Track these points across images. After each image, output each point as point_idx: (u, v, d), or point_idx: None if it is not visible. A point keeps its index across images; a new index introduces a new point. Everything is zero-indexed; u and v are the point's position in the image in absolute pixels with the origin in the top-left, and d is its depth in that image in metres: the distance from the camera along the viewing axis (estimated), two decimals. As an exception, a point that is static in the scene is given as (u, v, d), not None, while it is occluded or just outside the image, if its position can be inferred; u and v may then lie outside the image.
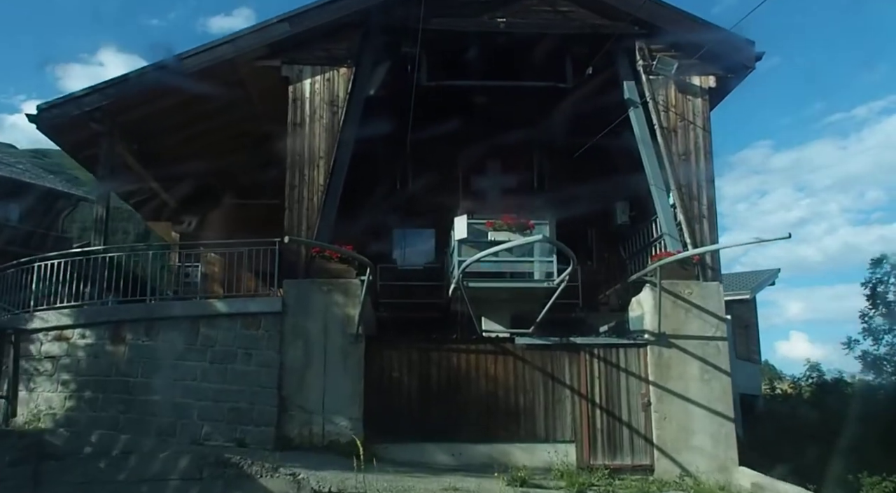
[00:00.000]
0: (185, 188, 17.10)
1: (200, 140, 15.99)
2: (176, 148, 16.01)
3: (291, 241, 10.96)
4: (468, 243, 13.70)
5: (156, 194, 17.06)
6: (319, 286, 13.21)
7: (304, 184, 13.75)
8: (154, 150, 15.65)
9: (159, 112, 14.43)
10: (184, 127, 15.23)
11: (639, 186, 16.90)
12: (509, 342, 13.51)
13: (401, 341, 13.44)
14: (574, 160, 17.60)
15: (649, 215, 16.36)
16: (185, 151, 16.17)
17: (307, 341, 13.01)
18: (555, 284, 13.47)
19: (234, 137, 16.57)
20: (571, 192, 17.27)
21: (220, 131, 15.96)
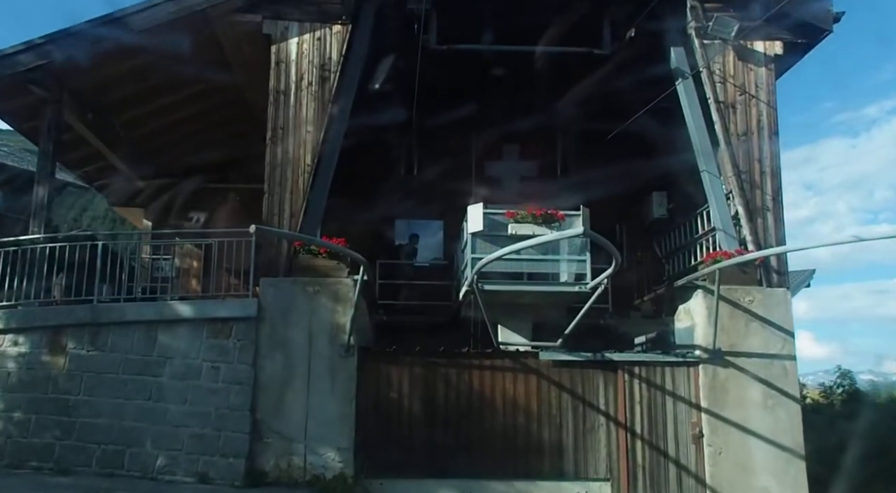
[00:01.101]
0: (157, 170, 14.72)
1: (172, 113, 13.64)
2: (144, 121, 13.66)
3: (261, 231, 8.51)
4: (484, 237, 11.31)
5: (124, 176, 14.70)
6: (304, 287, 10.86)
7: (287, 163, 11.37)
8: (117, 123, 13.28)
9: (119, 78, 12.07)
10: (151, 97, 12.86)
11: (680, 173, 14.57)
12: (532, 357, 11.13)
13: (401, 355, 11.06)
14: (603, 144, 15.13)
15: (693, 208, 13.96)
16: (154, 125, 13.85)
17: (288, 353, 10.68)
18: (588, 288, 11.09)
19: (213, 110, 14.18)
20: (599, 180, 14.88)
21: (196, 101, 13.57)
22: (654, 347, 12.55)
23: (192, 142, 14.55)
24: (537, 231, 11.17)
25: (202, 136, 14.68)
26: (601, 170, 14.90)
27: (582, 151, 15.99)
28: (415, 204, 15.20)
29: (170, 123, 13.89)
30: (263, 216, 11.21)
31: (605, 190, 14.48)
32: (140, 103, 12.87)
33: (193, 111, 13.83)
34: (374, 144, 14.64)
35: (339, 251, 10.52)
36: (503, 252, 9.78)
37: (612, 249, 9.46)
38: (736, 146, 11.64)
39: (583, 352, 11.13)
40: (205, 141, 14.70)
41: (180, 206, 14.89)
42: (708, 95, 11.79)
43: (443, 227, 15.99)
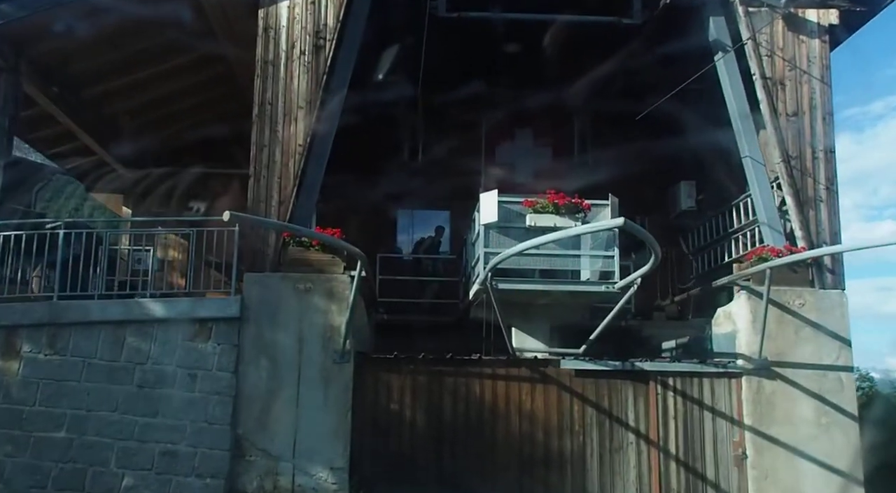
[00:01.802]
0: (137, 152, 13.32)
1: (152, 88, 12.24)
2: (118, 98, 12.26)
3: (239, 220, 7.06)
4: (498, 229, 9.95)
5: (98, 158, 13.32)
6: (294, 284, 9.52)
7: (276, 143, 9.99)
8: (88, 99, 11.89)
9: (87, 46, 10.65)
10: (125, 69, 11.45)
11: (711, 161, 13.26)
12: (552, 366, 9.78)
13: (404, 362, 9.69)
14: (625, 128, 13.73)
15: (725, 199, 12.65)
16: (132, 102, 12.47)
17: (275, 360, 9.36)
18: (616, 288, 9.75)
19: (201, 87, 12.79)
20: (619, 167, 13.62)
21: (180, 76, 12.18)
22: (686, 354, 11.21)
23: (178, 122, 13.15)
24: (559, 223, 9.83)
25: (190, 115, 13.27)
26: (622, 156, 13.65)
27: (601, 134, 14.61)
28: (419, 191, 13.81)
29: (150, 101, 12.49)
30: (248, 203, 9.86)
31: (626, 178, 13.18)
32: (113, 76, 11.48)
33: (177, 87, 12.43)
34: (374, 125, 13.26)
35: (333, 244, 9.17)
36: (524, 246, 8.41)
37: (654, 243, 8.11)
38: (784, 128, 10.25)
39: (609, 360, 9.78)
40: (194, 121, 13.28)
41: (162, 192, 13.50)
42: (753, 71, 10.39)
43: (449, 217, 14.61)
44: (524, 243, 8.40)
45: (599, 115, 14.45)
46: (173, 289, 11.22)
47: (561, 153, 14.61)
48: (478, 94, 13.66)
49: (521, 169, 14.36)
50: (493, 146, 14.57)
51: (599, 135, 14.63)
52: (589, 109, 14.47)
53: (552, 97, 13.68)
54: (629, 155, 14.07)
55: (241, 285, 9.61)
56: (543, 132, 14.62)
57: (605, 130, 14.45)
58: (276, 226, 9.19)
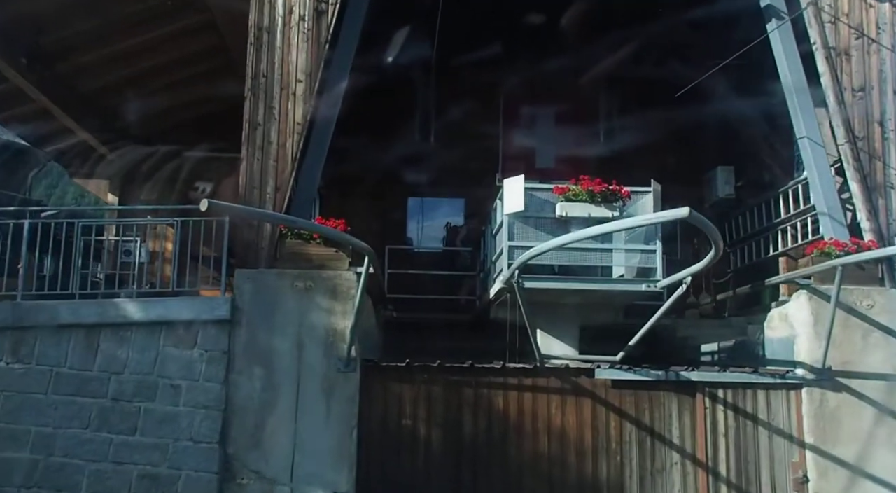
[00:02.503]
0: (122, 132, 12.08)
1: (137, 61, 10.97)
2: (99, 71, 10.98)
3: (215, 209, 5.75)
4: (525, 220, 8.69)
5: (80, 140, 12.08)
6: (292, 281, 8.30)
7: (271, 121, 8.73)
8: (64, 73, 10.60)
9: (59, 11, 9.37)
10: (106, 39, 10.19)
11: (755, 142, 11.98)
12: (585, 376, 8.54)
13: (417, 370, 8.46)
14: (657, 107, 12.42)
15: (768, 186, 11.41)
16: (115, 76, 11.19)
17: (270, 368, 8.16)
18: (659, 286, 8.51)
19: (193, 60, 11.52)
20: (649, 150, 12.45)
21: (169, 47, 10.91)
22: (731, 359, 9.98)
23: (167, 99, 11.86)
24: (594, 212, 8.58)
25: (180, 92, 11.98)
26: (653, 139, 12.44)
27: (630, 115, 13.25)
28: (431, 177, 12.55)
29: (135, 75, 11.21)
30: (240, 190, 8.62)
31: (657, 162, 11.96)
32: (91, 47, 10.21)
33: (165, 60, 11.16)
34: (383, 103, 12.05)
35: (336, 238, 7.93)
36: (565, 240, 7.14)
37: (718, 238, 6.86)
38: (850, 105, 8.94)
39: (651, 369, 8.55)
40: (186, 99, 12.01)
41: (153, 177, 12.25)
42: (813, 40, 9.08)
43: (464, 205, 13.35)
44: (564, 237, 7.13)
45: (628, 93, 13.15)
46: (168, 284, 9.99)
47: (585, 136, 13.28)
48: (496, 70, 12.46)
49: (543, 152, 13.11)
50: (512, 127, 13.29)
51: (628, 115, 13.29)
52: (617, 86, 13.20)
53: (577, 74, 12.45)
54: (661, 137, 12.86)
55: (231, 282, 8.40)
56: (567, 112, 13.30)
57: (635, 112, 13.12)
58: (267, 217, 7.92)
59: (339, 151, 10.13)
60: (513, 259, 8.54)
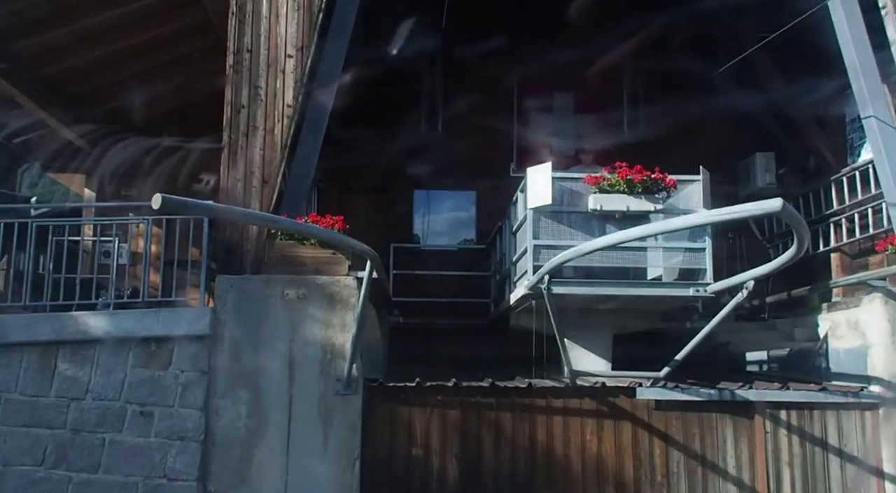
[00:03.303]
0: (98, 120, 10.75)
1: (109, 40, 9.63)
2: (66, 52, 9.64)
3: (170, 206, 4.41)
4: (552, 214, 7.40)
5: (50, 131, 10.79)
6: (283, 289, 7.04)
7: (257, 103, 7.45)
8: (23, 52, 9.28)
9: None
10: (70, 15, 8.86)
11: (800, 126, 10.69)
12: (624, 396, 7.26)
13: (429, 392, 7.18)
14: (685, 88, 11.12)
15: (817, 173, 10.15)
16: (84, 57, 9.87)
17: (257, 391, 6.91)
18: (709, 291, 7.23)
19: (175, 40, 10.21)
20: (678, 136, 11.13)
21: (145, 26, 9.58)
22: (786, 372, 8.70)
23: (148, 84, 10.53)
24: (633, 205, 7.31)
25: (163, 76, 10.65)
26: (681, 123, 11.13)
27: (657, 100, 11.94)
28: (439, 168, 11.24)
29: (108, 55, 9.87)
30: (221, 183, 7.35)
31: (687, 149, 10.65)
32: (54, 23, 8.87)
33: (142, 40, 9.84)
34: (386, 88, 10.75)
35: (329, 240, 6.64)
36: (613, 240, 5.87)
37: (806, 233, 5.58)
38: (927, 78, 7.65)
39: (701, 386, 7.27)
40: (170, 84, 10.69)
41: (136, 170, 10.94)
42: (883, 4, 7.76)
43: (475, 199, 12.04)
44: (616, 236, 5.82)
45: (654, 76, 11.83)
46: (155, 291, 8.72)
47: (608, 123, 11.96)
48: (510, 54, 11.17)
49: (562, 141, 11.76)
50: (527, 115, 11.96)
51: (655, 99, 11.99)
52: (642, 70, 11.89)
53: (598, 57, 11.15)
54: (691, 123, 11.55)
55: (212, 290, 7.15)
56: (588, 98, 11.98)
57: (661, 93, 11.79)
58: (241, 216, 6.47)
59: (339, 141, 8.92)
60: (538, 261, 7.29)
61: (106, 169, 11.27)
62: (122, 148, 11.05)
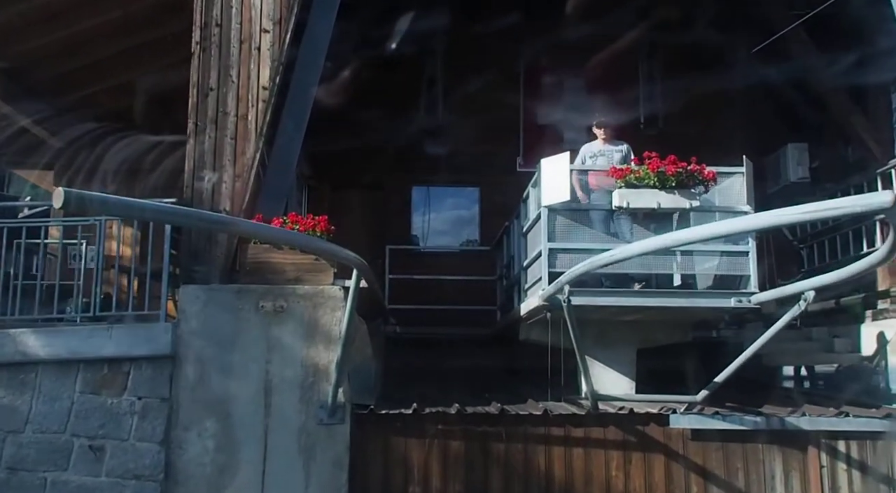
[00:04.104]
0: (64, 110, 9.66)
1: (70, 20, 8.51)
2: (26, 35, 8.55)
3: (79, 204, 3.38)
4: (570, 213, 6.32)
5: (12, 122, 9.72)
6: (257, 302, 5.97)
7: (228, 85, 6.38)
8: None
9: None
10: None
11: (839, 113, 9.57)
12: (655, 423, 6.17)
13: (429, 420, 6.09)
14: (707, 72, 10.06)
15: (856, 166, 9.11)
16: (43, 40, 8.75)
17: (227, 421, 5.86)
18: (754, 302, 6.15)
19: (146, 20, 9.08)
20: (699, 125, 10.24)
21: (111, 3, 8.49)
22: (835, 391, 7.60)
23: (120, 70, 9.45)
24: (665, 202, 6.24)
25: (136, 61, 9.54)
26: (704, 112, 10.20)
27: (676, 86, 10.84)
28: (440, 161, 10.18)
29: (69, 38, 8.77)
30: (185, 177, 6.27)
31: (709, 140, 9.66)
32: (3, 2, 7.78)
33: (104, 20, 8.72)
34: (382, 75, 9.71)
35: (305, 247, 5.53)
36: (658, 244, 4.68)
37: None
38: None
39: (745, 413, 6.19)
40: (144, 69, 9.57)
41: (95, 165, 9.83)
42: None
43: (479, 195, 10.98)
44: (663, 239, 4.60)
45: (673, 58, 10.76)
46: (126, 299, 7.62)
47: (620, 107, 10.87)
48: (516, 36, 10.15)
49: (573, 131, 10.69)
50: (535, 102, 10.89)
51: (673, 86, 10.88)
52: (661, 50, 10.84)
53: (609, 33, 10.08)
54: (714, 110, 10.58)
55: (171, 303, 6.09)
56: (599, 81, 10.90)
57: (681, 80, 10.68)
58: (168, 217, 4.83)
59: (329, 132, 7.90)
60: (554, 266, 6.23)
61: (75, 165, 10.19)
62: (93, 142, 9.98)
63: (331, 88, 9.10)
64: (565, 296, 5.51)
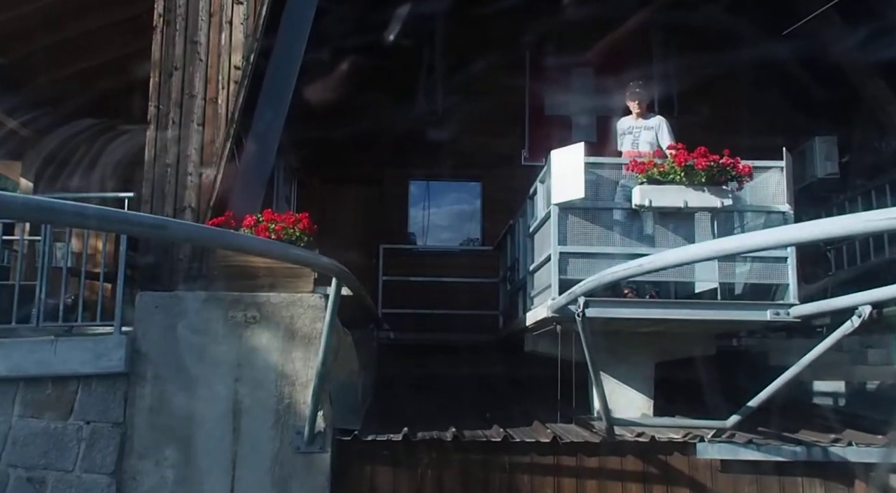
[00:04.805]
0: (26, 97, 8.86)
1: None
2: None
3: None
4: (584, 212, 5.49)
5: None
6: (226, 311, 5.19)
7: (195, 63, 5.55)
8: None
9: None
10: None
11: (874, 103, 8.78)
12: (679, 452, 5.35)
13: (422, 448, 5.27)
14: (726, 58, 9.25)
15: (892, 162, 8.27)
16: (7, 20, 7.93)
17: (189, 449, 5.06)
18: (793, 315, 5.32)
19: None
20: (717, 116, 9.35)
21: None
22: (866, 408, 6.78)
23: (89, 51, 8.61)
24: (692, 200, 5.38)
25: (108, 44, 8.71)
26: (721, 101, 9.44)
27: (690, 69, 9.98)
28: (439, 154, 9.35)
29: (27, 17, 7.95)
30: (146, 169, 5.46)
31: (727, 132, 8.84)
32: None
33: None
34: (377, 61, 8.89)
35: (267, 253, 4.65)
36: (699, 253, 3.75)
37: None
38: None
39: (781, 443, 5.37)
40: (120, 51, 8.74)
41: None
42: None
43: (481, 191, 10.15)
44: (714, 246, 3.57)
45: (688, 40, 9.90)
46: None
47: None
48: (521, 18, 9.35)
49: (582, 121, 9.90)
50: (539, 90, 10.07)
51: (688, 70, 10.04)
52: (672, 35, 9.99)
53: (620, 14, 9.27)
54: (732, 98, 9.79)
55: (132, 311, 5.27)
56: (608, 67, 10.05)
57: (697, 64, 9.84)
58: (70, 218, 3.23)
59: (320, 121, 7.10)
60: (565, 273, 5.41)
61: (45, 155, 9.40)
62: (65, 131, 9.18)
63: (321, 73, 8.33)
64: (580, 309, 4.68)
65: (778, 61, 9.32)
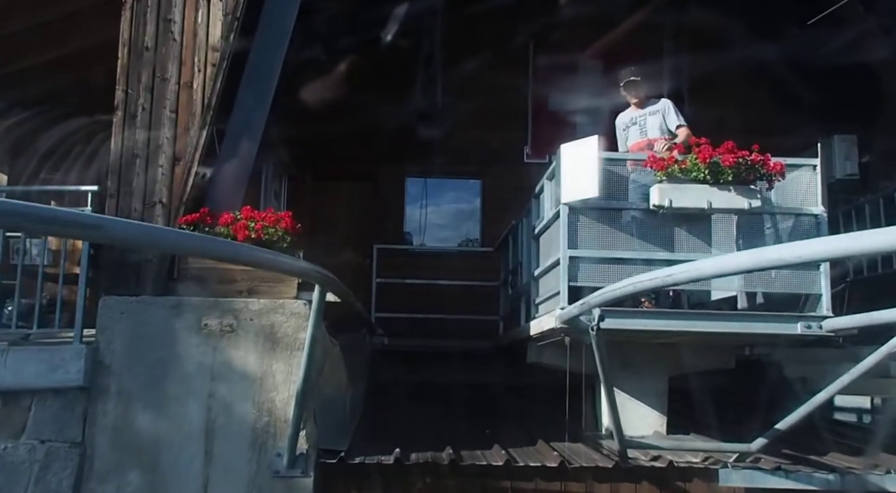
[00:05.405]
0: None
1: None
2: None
3: None
4: (598, 213, 4.93)
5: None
6: (198, 319, 4.63)
7: (168, 44, 4.98)
8: None
9: None
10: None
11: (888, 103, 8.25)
12: (699, 478, 4.80)
13: (415, 472, 4.71)
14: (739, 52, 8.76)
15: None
16: None
17: (157, 472, 4.50)
18: (826, 329, 4.78)
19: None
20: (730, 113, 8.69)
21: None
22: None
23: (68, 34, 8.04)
24: (718, 201, 4.83)
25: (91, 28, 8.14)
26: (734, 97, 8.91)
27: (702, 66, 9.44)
28: (437, 150, 8.79)
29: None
30: (112, 160, 4.89)
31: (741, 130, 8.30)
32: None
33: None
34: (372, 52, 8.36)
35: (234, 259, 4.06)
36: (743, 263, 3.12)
37: None
38: None
39: (812, 469, 4.82)
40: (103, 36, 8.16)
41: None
42: None
43: (480, 189, 9.60)
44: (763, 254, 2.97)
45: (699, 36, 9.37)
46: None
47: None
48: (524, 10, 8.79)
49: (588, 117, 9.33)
50: (543, 85, 9.52)
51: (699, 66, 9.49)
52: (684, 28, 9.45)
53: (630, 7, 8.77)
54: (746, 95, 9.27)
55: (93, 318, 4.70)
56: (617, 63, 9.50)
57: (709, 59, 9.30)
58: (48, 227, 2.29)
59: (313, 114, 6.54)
60: (575, 279, 4.86)
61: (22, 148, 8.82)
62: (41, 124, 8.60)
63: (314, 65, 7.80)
64: (594, 322, 4.13)
65: (795, 57, 8.80)
